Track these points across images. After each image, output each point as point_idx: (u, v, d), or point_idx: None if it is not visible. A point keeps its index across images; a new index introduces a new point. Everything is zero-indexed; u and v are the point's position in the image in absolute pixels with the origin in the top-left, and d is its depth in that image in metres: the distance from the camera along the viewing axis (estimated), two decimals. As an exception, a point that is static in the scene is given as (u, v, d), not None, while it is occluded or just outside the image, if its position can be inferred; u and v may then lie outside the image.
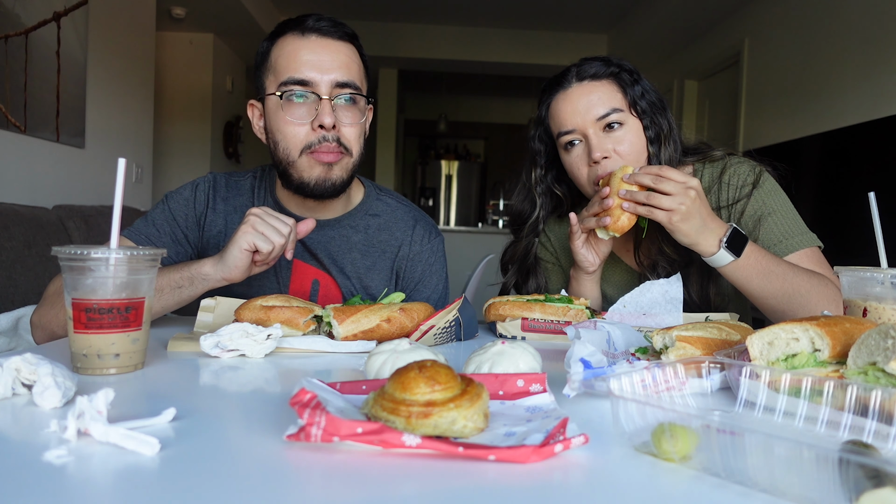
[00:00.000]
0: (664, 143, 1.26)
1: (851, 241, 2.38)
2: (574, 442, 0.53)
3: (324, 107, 1.14)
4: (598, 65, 1.27)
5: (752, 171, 1.29)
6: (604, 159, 1.23)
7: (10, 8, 2.81)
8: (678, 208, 1.08)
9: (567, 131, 1.26)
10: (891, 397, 0.56)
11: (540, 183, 1.39)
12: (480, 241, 5.79)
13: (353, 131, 1.19)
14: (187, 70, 5.55)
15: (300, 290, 1.27)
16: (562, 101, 1.27)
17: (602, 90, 1.24)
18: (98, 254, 0.75)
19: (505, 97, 9.35)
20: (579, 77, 1.26)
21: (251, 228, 1.02)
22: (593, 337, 0.84)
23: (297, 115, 1.15)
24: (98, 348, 0.76)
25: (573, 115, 1.25)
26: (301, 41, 1.16)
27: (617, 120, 1.23)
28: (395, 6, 5.96)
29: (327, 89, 1.15)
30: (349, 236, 1.30)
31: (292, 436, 0.52)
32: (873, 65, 3.29)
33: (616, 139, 1.23)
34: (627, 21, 5.96)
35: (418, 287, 1.35)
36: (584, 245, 1.27)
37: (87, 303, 0.75)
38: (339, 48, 1.17)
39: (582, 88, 1.25)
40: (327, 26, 1.17)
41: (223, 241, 1.26)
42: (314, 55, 1.15)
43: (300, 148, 1.16)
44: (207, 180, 1.30)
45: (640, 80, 1.27)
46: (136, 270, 0.78)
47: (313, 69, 1.14)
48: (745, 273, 1.12)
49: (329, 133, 1.15)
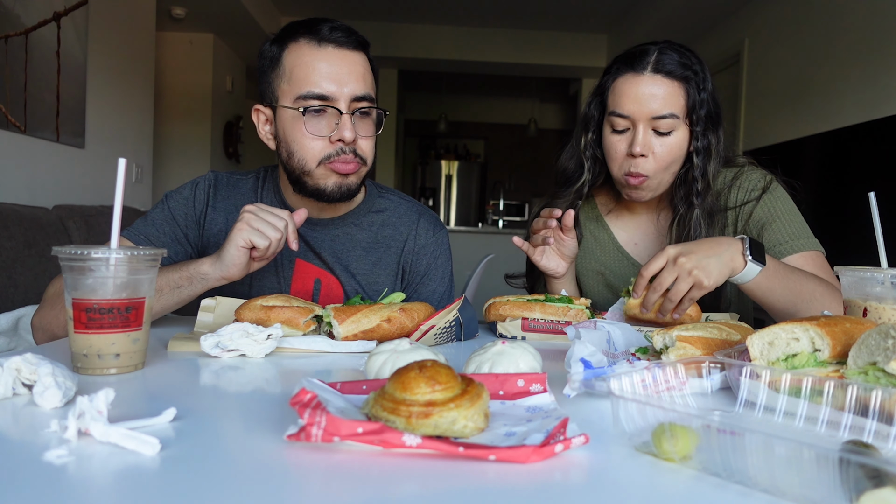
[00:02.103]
0: (710, 157, 1.26)
1: (851, 241, 2.38)
2: (574, 442, 0.53)
3: (344, 122, 1.14)
4: (678, 62, 1.24)
5: (762, 177, 1.31)
6: (641, 158, 1.23)
7: (10, 8, 2.81)
8: (692, 276, 1.03)
9: (620, 114, 1.25)
10: (891, 397, 0.56)
11: (589, 148, 1.38)
12: (480, 241, 5.78)
13: (369, 143, 1.19)
14: (187, 70, 5.54)
15: (302, 290, 1.27)
16: (629, 84, 1.25)
17: (669, 90, 1.23)
18: (98, 254, 0.75)
19: (505, 97, 9.35)
20: (655, 68, 1.24)
21: (246, 225, 1.02)
22: (593, 337, 0.84)
23: (316, 128, 1.14)
24: (98, 348, 0.76)
25: (633, 101, 1.23)
26: (318, 52, 1.14)
27: (670, 127, 1.23)
28: (395, 6, 5.96)
29: (346, 104, 1.14)
30: (353, 234, 1.30)
31: (293, 436, 0.52)
32: (873, 65, 3.29)
33: (661, 142, 1.23)
34: (627, 21, 5.96)
35: (424, 280, 1.35)
36: (543, 257, 1.31)
37: (88, 303, 0.75)
38: (355, 59, 1.17)
39: (653, 80, 1.23)
40: (343, 37, 1.15)
41: (223, 240, 1.26)
42: (332, 68, 1.14)
43: (318, 160, 1.16)
44: (208, 179, 1.30)
45: (707, 89, 1.26)
46: (137, 270, 0.78)
47: (332, 83, 1.13)
48: (770, 284, 1.09)
49: (347, 146, 1.15)
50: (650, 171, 1.24)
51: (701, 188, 1.26)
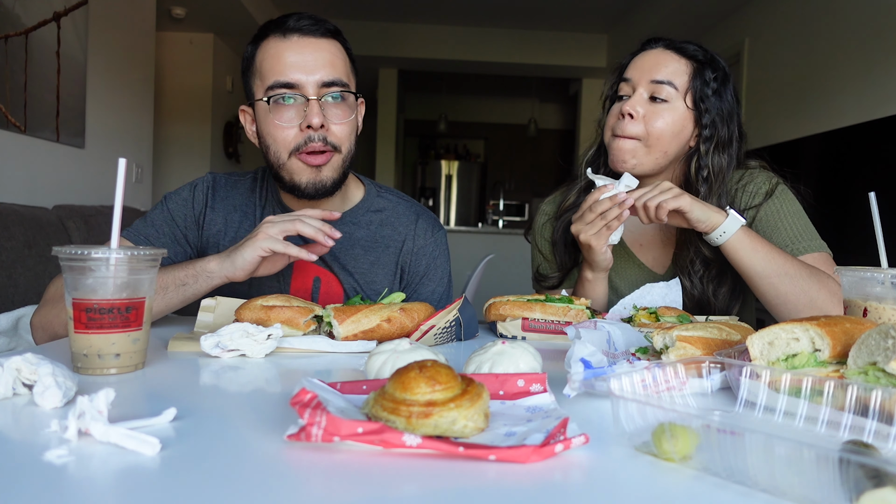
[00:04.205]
0: (718, 150, 1.27)
1: (851, 241, 2.38)
2: (574, 442, 0.53)
3: (311, 107, 1.14)
4: (694, 47, 1.29)
5: (768, 180, 1.31)
6: (629, 118, 1.25)
7: (10, 8, 2.81)
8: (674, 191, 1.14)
9: (624, 78, 1.30)
10: (891, 397, 0.56)
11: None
12: (480, 241, 5.78)
13: (343, 129, 1.18)
14: (187, 70, 5.54)
15: (301, 288, 1.27)
16: (640, 56, 1.31)
17: (675, 64, 1.27)
18: (98, 254, 0.75)
19: (505, 97, 9.35)
20: (666, 44, 1.30)
21: (268, 234, 1.05)
22: (593, 337, 0.84)
23: (285, 118, 1.15)
24: (98, 348, 0.76)
25: (638, 68, 1.29)
26: (283, 43, 1.15)
27: (667, 95, 1.25)
28: (395, 6, 5.96)
29: (314, 90, 1.15)
30: (352, 233, 1.30)
31: (293, 436, 0.52)
32: (873, 65, 3.29)
33: (655, 111, 1.25)
34: (627, 21, 5.96)
35: (423, 281, 1.35)
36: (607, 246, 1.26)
37: (88, 303, 0.75)
38: (323, 46, 1.17)
39: (662, 52, 1.29)
40: (308, 24, 1.16)
41: (222, 239, 1.27)
42: (298, 56, 1.14)
43: (289, 150, 1.16)
44: (206, 180, 1.31)
45: (718, 82, 1.28)
46: (137, 270, 0.78)
47: (298, 71, 1.14)
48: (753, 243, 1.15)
49: (316, 133, 1.15)
50: (637, 134, 1.25)
51: (706, 175, 1.27)
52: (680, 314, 1.13)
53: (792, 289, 1.13)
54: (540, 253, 1.51)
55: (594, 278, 1.31)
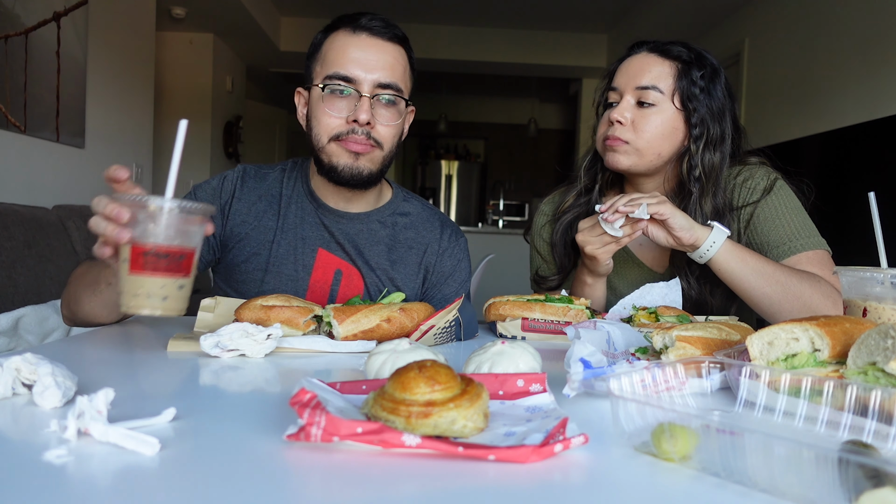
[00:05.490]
0: (710, 148, 1.27)
1: (851, 241, 2.38)
2: (574, 442, 0.53)
3: (362, 104, 1.17)
4: (679, 47, 1.30)
5: (766, 175, 1.30)
6: (618, 124, 1.27)
7: (10, 8, 2.81)
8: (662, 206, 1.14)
9: (613, 88, 1.31)
10: (890, 397, 0.56)
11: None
12: (480, 241, 5.78)
13: (388, 130, 1.22)
14: (187, 70, 5.54)
15: (321, 279, 1.29)
16: (626, 62, 1.32)
17: (658, 67, 1.28)
18: (158, 202, 0.77)
19: (505, 97, 9.35)
20: (651, 47, 1.31)
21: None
22: (593, 337, 0.84)
23: (336, 107, 1.19)
24: (149, 289, 0.79)
25: (624, 75, 1.30)
26: (351, 38, 1.20)
27: (654, 100, 1.26)
28: (395, 6, 5.95)
29: (369, 88, 1.18)
30: (376, 231, 1.32)
31: (292, 436, 0.52)
32: (873, 65, 3.29)
33: (643, 114, 1.27)
34: (627, 21, 5.96)
35: (448, 280, 1.38)
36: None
37: (146, 247, 0.78)
38: (387, 49, 1.21)
39: (646, 57, 1.30)
40: (379, 26, 1.21)
41: (246, 229, 1.29)
42: (362, 53, 1.19)
43: (330, 135, 1.19)
44: (237, 171, 1.34)
45: (706, 79, 1.28)
46: (190, 222, 0.80)
47: (358, 67, 1.18)
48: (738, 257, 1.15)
49: (361, 128, 1.18)
50: (627, 138, 1.27)
51: (697, 175, 1.27)
52: (679, 314, 1.13)
53: (785, 296, 1.13)
54: (539, 254, 1.51)
55: (593, 283, 1.32)
